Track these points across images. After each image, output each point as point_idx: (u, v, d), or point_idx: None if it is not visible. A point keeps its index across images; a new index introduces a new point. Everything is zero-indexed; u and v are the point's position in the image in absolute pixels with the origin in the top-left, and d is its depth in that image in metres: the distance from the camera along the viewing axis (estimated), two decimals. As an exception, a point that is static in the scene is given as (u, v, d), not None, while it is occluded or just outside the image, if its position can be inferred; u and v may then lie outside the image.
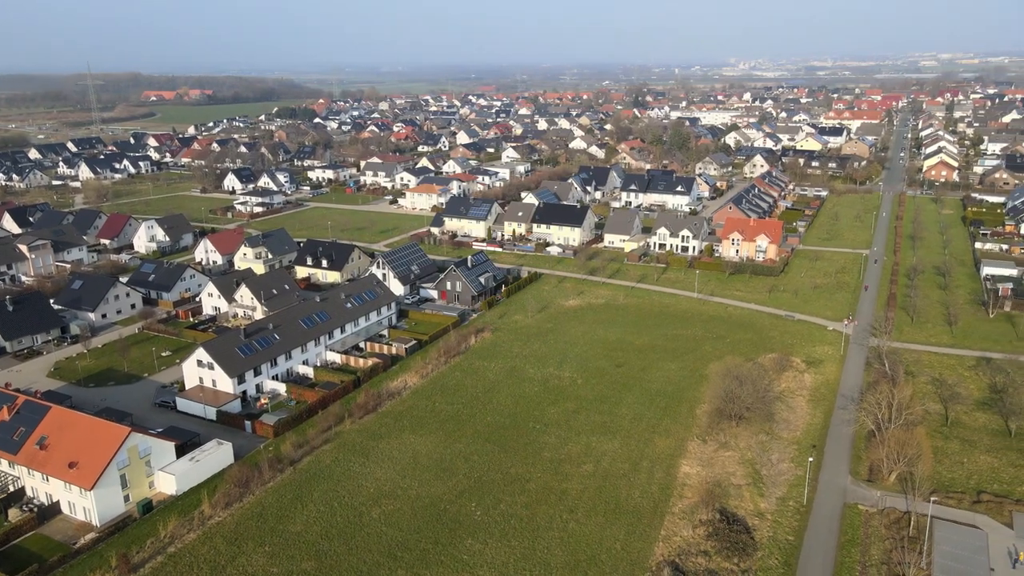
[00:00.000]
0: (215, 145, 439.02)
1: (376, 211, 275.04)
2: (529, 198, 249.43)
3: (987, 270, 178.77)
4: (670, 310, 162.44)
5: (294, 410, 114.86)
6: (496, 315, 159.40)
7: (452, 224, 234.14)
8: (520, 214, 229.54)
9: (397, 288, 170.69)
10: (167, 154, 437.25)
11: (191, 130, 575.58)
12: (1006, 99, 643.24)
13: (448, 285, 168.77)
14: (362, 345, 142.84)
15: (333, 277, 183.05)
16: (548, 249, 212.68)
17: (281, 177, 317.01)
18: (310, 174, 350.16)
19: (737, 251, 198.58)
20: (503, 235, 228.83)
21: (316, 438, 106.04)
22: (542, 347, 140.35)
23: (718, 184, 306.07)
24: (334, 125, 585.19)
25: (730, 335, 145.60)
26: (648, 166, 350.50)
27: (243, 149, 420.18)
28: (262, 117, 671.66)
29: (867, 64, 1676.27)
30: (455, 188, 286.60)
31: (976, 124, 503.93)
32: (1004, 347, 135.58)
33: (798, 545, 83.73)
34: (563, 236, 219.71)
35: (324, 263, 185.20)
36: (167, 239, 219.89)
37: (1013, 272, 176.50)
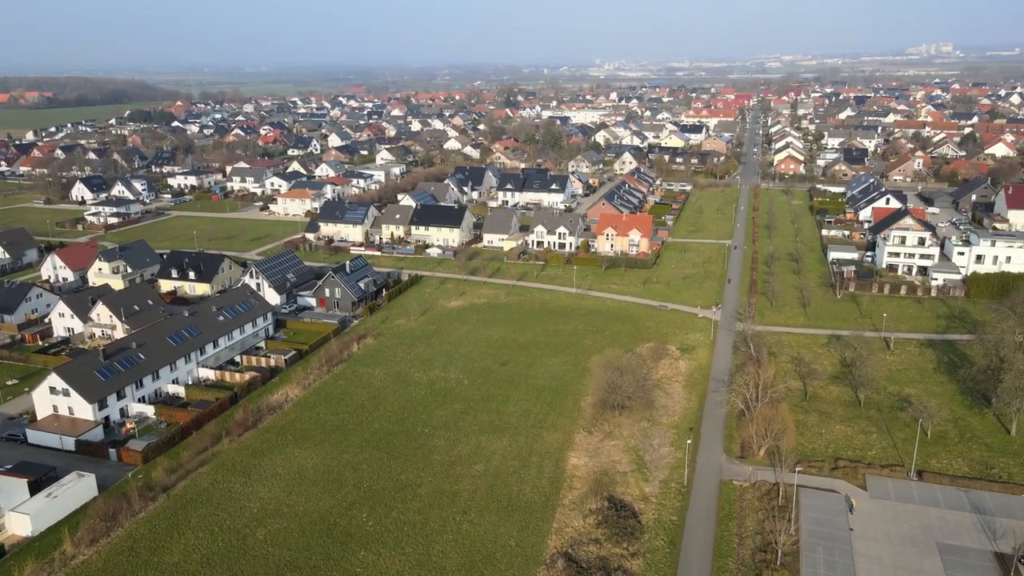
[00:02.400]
0: (59, 152, 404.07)
1: (246, 218, 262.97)
2: (406, 200, 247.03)
3: (833, 255, 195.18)
4: (551, 306, 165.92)
5: (165, 433, 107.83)
6: (378, 320, 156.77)
7: (328, 229, 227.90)
8: (398, 216, 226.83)
9: (273, 297, 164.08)
10: (2, 163, 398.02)
11: (30, 135, 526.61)
12: (841, 97, 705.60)
13: (327, 292, 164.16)
14: (238, 359, 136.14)
15: (202, 289, 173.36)
16: (428, 251, 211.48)
17: (138, 185, 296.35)
18: (171, 181, 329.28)
19: (612, 246, 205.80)
20: (381, 238, 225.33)
21: (191, 461, 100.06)
22: (427, 350, 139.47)
23: (591, 181, 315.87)
24: (195, 128, 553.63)
25: (609, 327, 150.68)
26: (523, 165, 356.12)
27: (92, 156, 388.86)
28: (112, 121, 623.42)
29: (720, 65, 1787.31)
30: (329, 192, 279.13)
31: (817, 121, 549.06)
32: (850, 324, 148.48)
33: (681, 524, 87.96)
34: (442, 237, 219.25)
35: (191, 275, 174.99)
36: (7, 256, 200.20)
37: (855, 256, 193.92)
